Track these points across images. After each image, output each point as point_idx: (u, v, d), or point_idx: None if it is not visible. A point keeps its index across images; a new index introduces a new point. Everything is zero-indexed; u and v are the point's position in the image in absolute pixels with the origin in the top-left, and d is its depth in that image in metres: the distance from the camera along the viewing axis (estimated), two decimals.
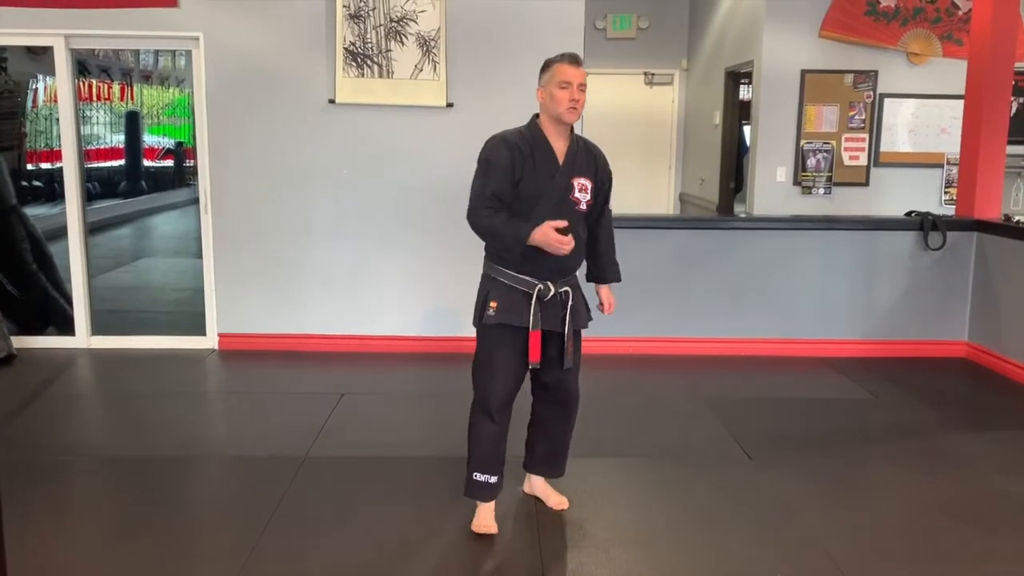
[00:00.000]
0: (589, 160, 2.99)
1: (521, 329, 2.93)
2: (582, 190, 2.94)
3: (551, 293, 2.94)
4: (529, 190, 2.89)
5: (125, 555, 2.90)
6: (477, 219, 2.90)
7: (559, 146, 2.94)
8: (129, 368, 5.09)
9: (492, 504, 3.10)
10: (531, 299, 2.92)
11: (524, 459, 3.30)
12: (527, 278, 2.93)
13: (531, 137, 2.93)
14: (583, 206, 2.96)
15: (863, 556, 2.93)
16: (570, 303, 2.97)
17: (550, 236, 2.81)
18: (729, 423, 4.22)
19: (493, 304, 2.95)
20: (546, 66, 2.93)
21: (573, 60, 2.90)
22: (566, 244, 2.82)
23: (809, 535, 3.07)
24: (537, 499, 3.30)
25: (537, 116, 2.98)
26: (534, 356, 2.93)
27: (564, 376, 3.06)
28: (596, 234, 3.13)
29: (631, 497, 3.41)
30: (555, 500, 3.25)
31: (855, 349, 5.45)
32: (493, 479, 3.05)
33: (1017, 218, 5.26)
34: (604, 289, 3.23)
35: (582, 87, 2.87)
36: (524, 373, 3.02)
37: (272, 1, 5.12)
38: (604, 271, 3.20)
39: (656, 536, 3.07)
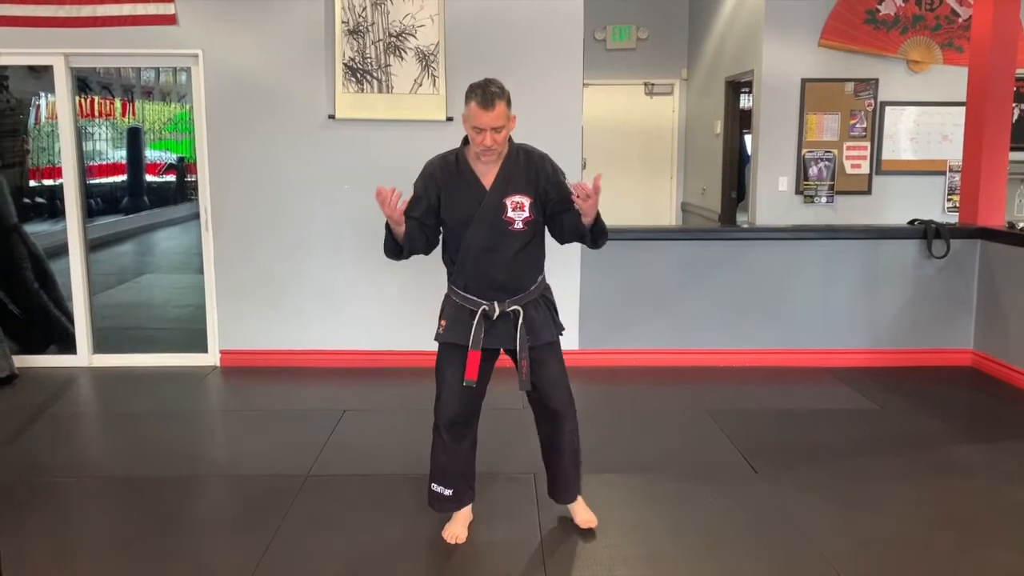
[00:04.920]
0: (528, 174, 2.92)
1: (466, 348, 2.93)
2: (517, 208, 2.89)
3: (497, 313, 2.93)
4: (453, 217, 2.92)
5: None
6: None
7: (488, 168, 2.90)
8: (131, 386, 5.08)
9: (467, 512, 3.16)
10: (475, 318, 2.93)
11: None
12: (472, 297, 2.96)
13: (455, 162, 2.93)
14: (519, 224, 2.90)
15: (871, 571, 2.89)
16: (520, 321, 2.93)
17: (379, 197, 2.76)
18: (733, 436, 4.19)
19: (442, 323, 3.02)
20: (466, 96, 2.81)
21: (484, 101, 2.74)
22: (382, 197, 2.74)
23: (816, 550, 3.03)
24: (561, 517, 3.27)
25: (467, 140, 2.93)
26: (469, 373, 2.92)
27: (542, 389, 3.02)
28: (563, 227, 2.97)
29: (635, 513, 3.38)
30: (582, 517, 3.19)
31: (860, 359, 5.42)
32: (448, 492, 3.09)
33: (1021, 225, 5.24)
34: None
35: (496, 130, 2.78)
36: (479, 391, 3.02)
37: (271, 17, 5.13)
38: (574, 220, 2.92)
39: (660, 553, 3.04)
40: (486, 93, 2.75)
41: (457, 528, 3.12)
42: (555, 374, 3.04)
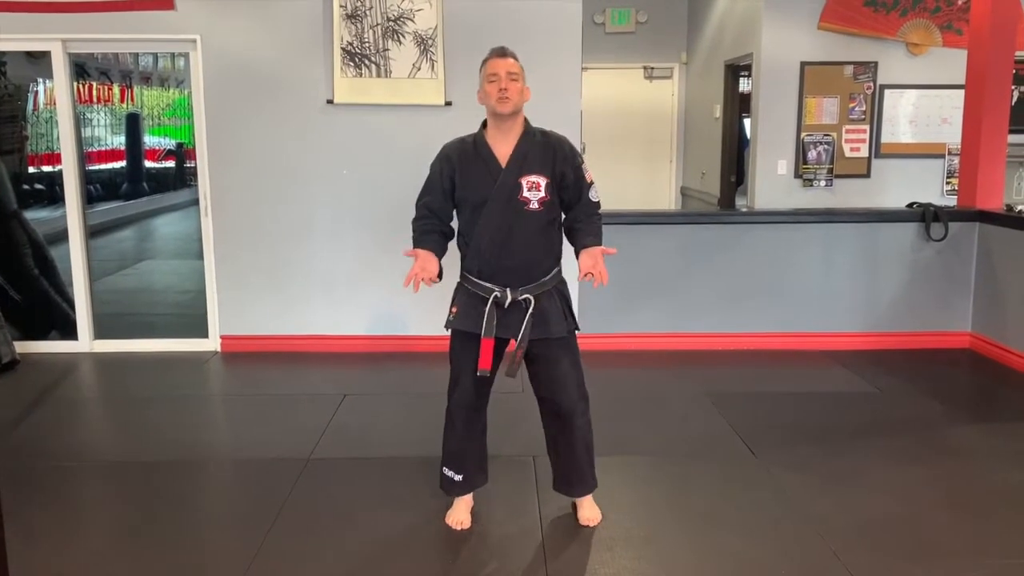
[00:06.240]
0: (545, 155, 2.89)
1: (478, 336, 2.89)
2: (532, 188, 2.85)
3: (508, 300, 2.88)
4: (469, 197, 2.90)
5: (130, 560, 2.90)
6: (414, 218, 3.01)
7: (503, 147, 2.88)
8: (132, 372, 5.10)
9: (469, 498, 3.16)
10: (487, 305, 2.88)
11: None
12: (486, 284, 2.91)
13: (472, 144, 2.93)
14: (535, 205, 2.86)
15: (867, 551, 2.92)
16: (530, 310, 2.87)
17: (415, 266, 2.90)
18: (732, 418, 4.21)
19: (454, 309, 2.99)
20: (481, 64, 2.91)
21: (499, 52, 2.88)
22: (409, 279, 2.89)
23: (813, 531, 3.06)
24: (561, 500, 3.26)
25: (485, 122, 2.97)
26: (483, 363, 2.87)
27: (553, 387, 2.98)
28: (569, 222, 3.00)
29: (634, 494, 3.41)
30: (585, 514, 3.13)
31: (858, 342, 5.44)
32: (458, 477, 3.10)
33: (1019, 208, 5.25)
34: (581, 255, 2.94)
35: (511, 75, 2.82)
36: (488, 380, 2.98)
37: (269, 2, 5.12)
38: (575, 237, 2.98)
39: (660, 533, 3.07)
40: (501, 48, 2.89)
41: (460, 514, 3.12)
42: (565, 372, 2.97)
